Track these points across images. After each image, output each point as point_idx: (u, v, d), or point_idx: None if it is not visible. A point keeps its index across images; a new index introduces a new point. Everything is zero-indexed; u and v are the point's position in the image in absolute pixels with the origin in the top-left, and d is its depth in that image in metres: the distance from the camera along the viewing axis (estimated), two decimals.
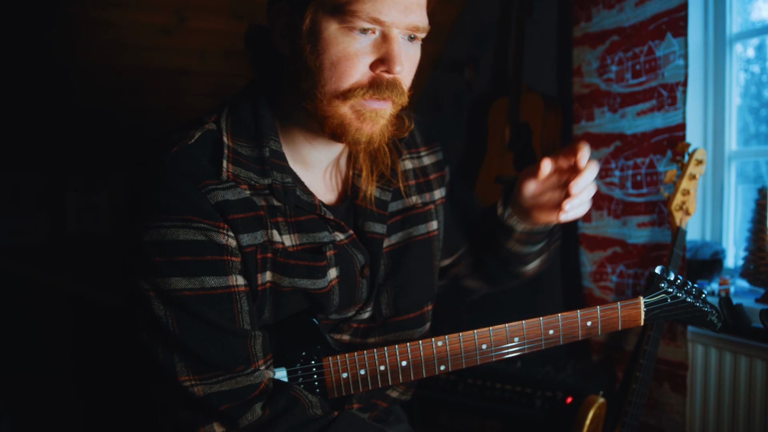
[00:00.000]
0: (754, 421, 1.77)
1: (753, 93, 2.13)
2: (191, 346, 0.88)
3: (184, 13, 2.54)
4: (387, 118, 0.95)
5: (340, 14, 0.88)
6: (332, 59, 0.90)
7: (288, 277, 0.97)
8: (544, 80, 2.60)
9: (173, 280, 0.88)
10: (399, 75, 0.92)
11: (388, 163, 1.10)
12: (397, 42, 0.91)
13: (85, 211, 3.01)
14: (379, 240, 1.08)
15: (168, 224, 0.88)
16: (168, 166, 0.90)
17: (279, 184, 0.96)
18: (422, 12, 0.93)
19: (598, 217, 2.24)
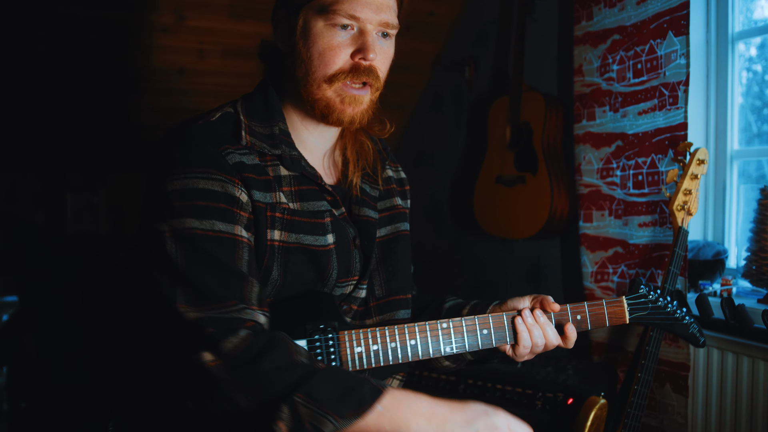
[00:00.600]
0: (756, 423, 1.76)
1: (755, 92, 2.12)
2: (194, 278, 1.00)
3: (183, 12, 2.54)
4: (366, 103, 1.15)
5: (325, 13, 1.10)
6: (319, 50, 1.11)
7: (294, 233, 1.12)
8: (544, 79, 2.59)
9: (187, 220, 1.02)
10: (373, 62, 1.12)
11: (371, 160, 1.30)
12: (371, 35, 1.12)
13: (83, 210, 3.01)
14: (373, 222, 1.26)
15: (191, 176, 1.04)
16: (193, 133, 1.08)
17: (287, 155, 1.14)
18: (392, 12, 1.14)
19: (600, 217, 2.23)
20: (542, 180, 2.40)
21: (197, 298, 0.99)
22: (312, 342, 1.07)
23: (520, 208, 2.48)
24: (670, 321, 1.28)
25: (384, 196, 1.33)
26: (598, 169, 2.22)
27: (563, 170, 2.43)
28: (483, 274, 3.00)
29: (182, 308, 0.98)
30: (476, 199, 2.69)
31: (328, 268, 1.14)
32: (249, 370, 0.94)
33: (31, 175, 2.90)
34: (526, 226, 2.46)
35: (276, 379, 0.93)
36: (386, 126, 1.27)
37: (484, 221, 2.67)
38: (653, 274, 2.03)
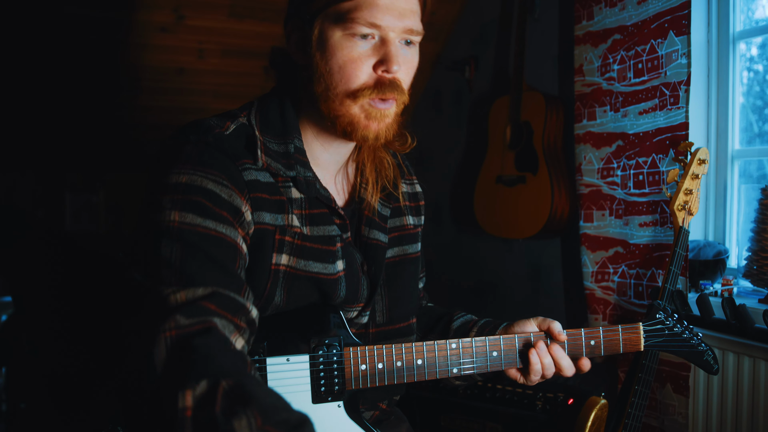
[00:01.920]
0: (757, 423, 1.76)
1: (756, 92, 2.12)
2: (189, 272, 0.91)
3: (182, 12, 2.53)
4: (392, 117, 1.07)
5: (343, 22, 1.00)
6: (339, 63, 1.02)
7: (303, 259, 1.06)
8: (545, 79, 2.59)
9: (190, 215, 0.95)
10: (397, 74, 1.04)
11: (391, 177, 1.22)
12: (393, 44, 1.03)
13: (82, 210, 3.00)
14: (383, 247, 1.18)
15: (201, 174, 0.98)
16: (211, 143, 1.01)
17: (302, 177, 1.07)
18: (416, 18, 1.05)
19: (600, 216, 2.22)
20: (543, 180, 2.39)
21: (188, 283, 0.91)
22: (315, 358, 1.04)
23: (521, 208, 2.48)
24: (686, 348, 1.24)
25: (394, 214, 1.25)
26: (598, 168, 2.22)
27: (564, 170, 2.43)
28: (483, 274, 3.00)
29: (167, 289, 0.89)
30: (476, 198, 2.68)
31: (334, 295, 1.09)
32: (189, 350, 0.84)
33: (30, 174, 2.90)
34: (526, 225, 2.46)
35: (216, 362, 0.83)
36: (407, 140, 1.18)
37: (484, 221, 2.66)
38: (654, 274, 2.02)
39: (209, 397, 0.78)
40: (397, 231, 1.25)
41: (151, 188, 0.99)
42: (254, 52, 2.79)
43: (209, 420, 0.76)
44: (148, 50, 2.62)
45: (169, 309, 0.87)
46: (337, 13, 1.01)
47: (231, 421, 0.75)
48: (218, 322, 0.89)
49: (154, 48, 2.62)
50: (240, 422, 0.74)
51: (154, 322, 0.87)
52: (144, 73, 2.69)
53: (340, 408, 1.06)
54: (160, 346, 0.84)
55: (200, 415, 0.77)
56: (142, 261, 0.94)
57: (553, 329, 1.15)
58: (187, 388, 0.78)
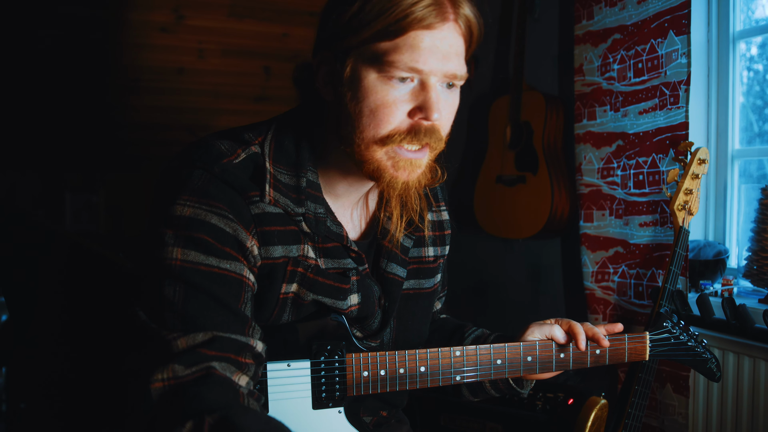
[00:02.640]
0: (757, 423, 1.76)
1: (756, 92, 2.12)
2: (191, 315, 0.89)
3: (182, 12, 2.53)
4: (424, 166, 1.00)
5: (379, 64, 0.91)
6: (371, 107, 0.94)
7: (313, 293, 1.02)
8: (545, 79, 2.58)
9: (192, 253, 0.91)
10: (437, 122, 0.96)
11: (418, 210, 1.13)
12: (434, 90, 0.94)
13: (82, 210, 3.00)
14: (399, 282, 1.14)
15: (206, 208, 0.93)
16: (217, 174, 0.95)
17: (312, 214, 1.01)
18: (460, 60, 0.96)
19: (600, 216, 2.22)
20: (543, 180, 2.39)
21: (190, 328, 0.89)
22: (316, 363, 1.03)
23: (521, 208, 2.48)
24: (690, 357, 1.23)
25: (416, 244, 1.18)
26: (598, 168, 2.22)
27: (564, 170, 2.43)
28: (483, 274, 3.00)
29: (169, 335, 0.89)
30: (476, 198, 2.68)
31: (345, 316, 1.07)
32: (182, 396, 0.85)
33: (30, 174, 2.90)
34: (526, 225, 2.46)
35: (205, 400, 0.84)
36: (437, 174, 1.08)
37: (484, 221, 2.66)
38: (654, 274, 2.02)
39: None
40: (416, 263, 1.19)
41: (155, 218, 0.95)
42: (254, 52, 2.79)
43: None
44: (148, 50, 2.62)
45: (168, 356, 0.87)
46: (374, 54, 0.92)
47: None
48: (218, 366, 0.88)
49: (154, 48, 2.62)
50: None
51: (153, 368, 0.87)
52: (144, 73, 2.69)
53: (340, 414, 1.05)
54: (155, 393, 0.85)
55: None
56: (146, 299, 0.93)
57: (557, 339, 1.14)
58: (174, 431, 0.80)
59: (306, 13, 2.84)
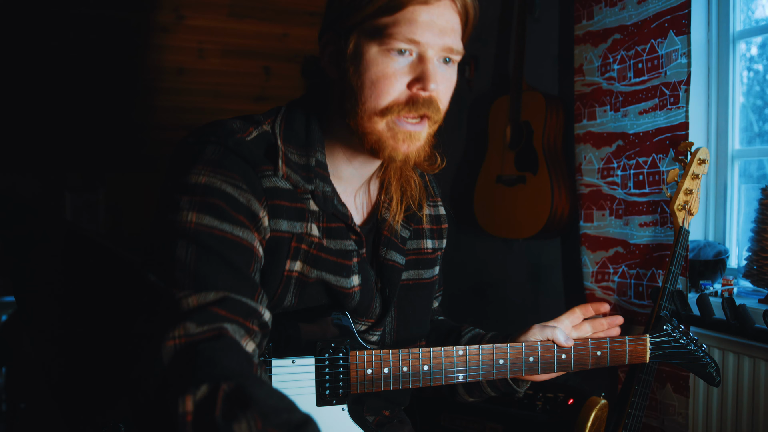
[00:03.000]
0: (757, 423, 1.76)
1: (756, 92, 2.12)
2: (202, 275, 0.90)
3: (182, 12, 2.53)
4: (423, 139, 1.04)
5: (380, 37, 0.97)
6: (372, 78, 0.98)
7: (317, 269, 1.04)
8: (545, 79, 2.59)
9: (207, 218, 0.93)
10: (434, 93, 1.01)
11: (416, 198, 1.18)
12: (432, 62, 0.99)
13: (82, 209, 3.00)
14: (399, 269, 1.16)
15: (221, 177, 0.96)
16: (231, 147, 0.99)
17: (320, 192, 1.05)
18: (456, 36, 1.02)
19: (600, 217, 2.22)
20: (543, 180, 2.39)
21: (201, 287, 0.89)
22: (321, 360, 1.04)
23: (521, 208, 2.48)
24: (690, 360, 1.24)
25: (414, 236, 1.22)
26: (598, 168, 2.22)
27: (564, 170, 2.43)
28: (483, 273, 3.00)
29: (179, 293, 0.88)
30: (476, 198, 2.68)
31: (347, 303, 1.08)
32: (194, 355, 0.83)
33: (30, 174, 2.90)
34: (526, 225, 2.46)
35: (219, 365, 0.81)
36: (437, 161, 1.14)
37: (484, 221, 2.66)
38: (654, 274, 2.02)
39: (209, 401, 0.76)
40: (414, 254, 1.22)
41: (169, 187, 0.97)
42: (254, 52, 2.79)
43: (209, 424, 0.75)
44: (148, 50, 2.62)
45: (180, 314, 0.86)
46: (375, 27, 0.97)
47: (231, 425, 0.73)
48: (229, 327, 0.87)
49: (154, 48, 2.62)
50: (240, 425, 0.73)
51: (165, 327, 0.86)
52: (144, 73, 2.69)
53: (344, 411, 1.05)
54: (167, 352, 0.84)
55: (200, 420, 0.76)
56: (157, 261, 0.93)
57: (558, 341, 1.15)
58: (188, 393, 0.77)
59: (306, 13, 2.84)
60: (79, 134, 2.85)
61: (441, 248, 1.29)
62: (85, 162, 3.01)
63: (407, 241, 1.20)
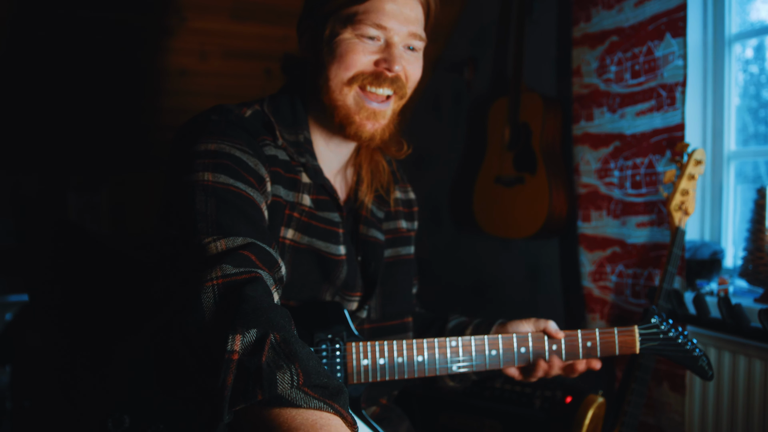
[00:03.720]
0: (752, 421, 1.78)
1: (752, 93, 2.14)
2: (225, 223, 0.91)
3: (184, 14, 2.55)
4: (387, 117, 1.13)
5: (351, 23, 1.08)
6: (342, 54, 1.09)
7: (308, 236, 1.11)
8: (543, 80, 2.61)
9: (222, 176, 0.97)
10: (399, 72, 1.11)
11: (385, 181, 1.28)
12: (397, 47, 1.10)
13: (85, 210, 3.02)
14: (381, 245, 1.24)
15: (228, 143, 1.02)
16: (233, 121, 1.07)
17: (310, 164, 1.14)
18: (420, 25, 1.13)
19: (598, 217, 2.24)
20: (541, 180, 2.41)
21: (225, 233, 0.90)
22: (318, 351, 1.06)
23: (519, 208, 2.50)
24: (681, 353, 1.25)
25: (388, 218, 1.31)
26: (596, 169, 2.24)
27: (562, 170, 2.45)
28: (482, 273, 3.02)
29: (206, 238, 0.88)
30: (475, 199, 2.70)
31: (335, 274, 1.13)
32: (238, 298, 0.81)
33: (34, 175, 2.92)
34: (525, 225, 2.48)
35: (265, 315, 0.79)
36: (404, 147, 1.24)
37: (483, 221, 2.68)
38: (651, 273, 2.04)
39: (257, 346, 0.75)
40: (391, 233, 1.30)
41: (179, 156, 1.03)
42: (255, 54, 2.81)
43: (254, 367, 0.73)
44: (151, 52, 2.64)
45: (212, 257, 0.86)
46: (347, 15, 1.08)
47: (275, 373, 0.72)
48: (261, 273, 0.87)
49: (157, 50, 2.64)
50: (283, 376, 0.72)
51: (199, 270, 0.84)
52: (145, 74, 2.71)
53: None
54: (207, 293, 0.81)
55: (246, 361, 0.74)
56: (176, 217, 0.94)
57: (549, 329, 1.17)
58: (237, 333, 0.76)
59: None
60: (83, 135, 2.87)
61: (414, 229, 1.38)
62: (88, 163, 3.03)
63: (383, 222, 1.29)
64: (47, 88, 2.64)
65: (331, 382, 0.76)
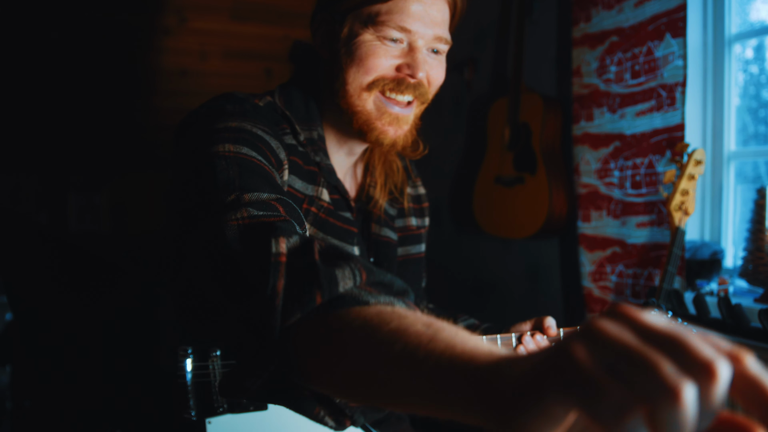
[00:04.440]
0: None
1: (752, 93, 2.14)
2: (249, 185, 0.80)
3: (184, 14, 2.55)
4: (410, 122, 1.08)
5: (373, 24, 1.00)
6: (361, 56, 1.01)
7: (323, 233, 1.05)
8: (543, 81, 2.61)
9: (245, 148, 0.88)
10: (422, 79, 1.05)
11: (399, 182, 1.23)
12: (421, 51, 1.03)
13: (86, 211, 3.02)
14: (394, 245, 1.20)
15: (250, 123, 0.94)
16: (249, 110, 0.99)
17: (324, 164, 1.07)
18: (445, 27, 1.06)
19: (598, 217, 2.25)
20: (541, 180, 2.41)
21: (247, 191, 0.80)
22: None
23: (519, 208, 2.50)
24: None
25: (400, 214, 1.26)
26: (596, 169, 2.24)
27: (562, 171, 2.45)
28: (482, 273, 3.02)
29: (229, 194, 0.78)
30: (475, 199, 2.71)
31: None
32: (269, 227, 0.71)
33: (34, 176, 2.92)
34: (525, 225, 2.48)
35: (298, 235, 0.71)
36: (420, 148, 1.17)
37: (483, 221, 2.69)
38: (651, 273, 2.04)
39: (305, 246, 0.66)
40: (402, 232, 1.25)
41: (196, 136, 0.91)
42: (256, 54, 2.81)
43: (308, 265, 0.63)
44: (152, 52, 2.64)
45: (236, 204, 0.75)
46: (369, 14, 1.01)
47: (332, 270, 0.63)
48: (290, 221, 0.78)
49: (157, 50, 2.64)
50: (343, 271, 0.63)
51: (222, 213, 0.74)
52: (146, 75, 2.71)
53: None
54: (232, 229, 0.72)
55: (296, 261, 0.64)
56: (194, 186, 0.83)
57: (544, 322, 1.12)
58: (281, 236, 0.66)
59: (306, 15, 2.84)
60: (83, 135, 2.87)
61: (424, 226, 1.32)
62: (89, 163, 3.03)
63: (396, 219, 1.23)
64: (48, 89, 2.65)
65: (395, 282, 0.67)
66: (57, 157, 2.93)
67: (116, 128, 2.90)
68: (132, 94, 2.79)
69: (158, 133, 2.94)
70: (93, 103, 2.77)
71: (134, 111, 2.86)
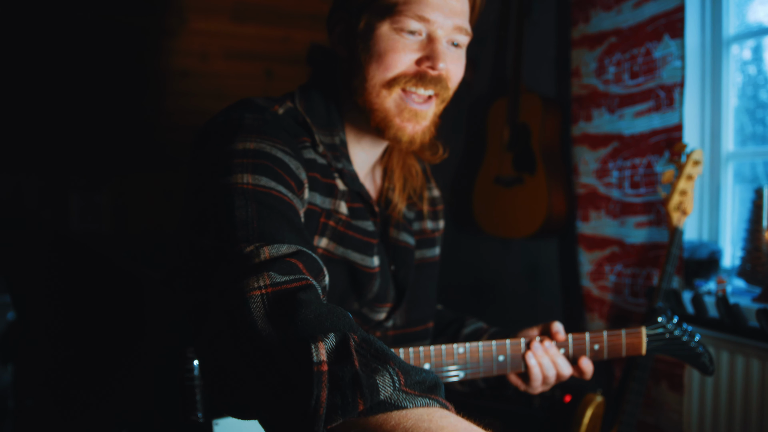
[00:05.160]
0: (750, 420, 1.79)
1: (749, 94, 2.15)
2: (268, 232, 0.79)
3: (185, 15, 2.56)
4: (429, 118, 1.04)
5: (390, 15, 0.97)
6: (380, 52, 0.98)
7: (342, 247, 1.03)
8: (542, 81, 2.62)
9: (264, 179, 0.86)
10: (443, 71, 1.01)
11: (418, 186, 1.20)
12: (441, 42, 1.00)
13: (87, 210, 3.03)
14: (411, 250, 1.17)
15: (269, 143, 0.91)
16: (269, 120, 0.96)
17: (347, 170, 1.05)
18: (465, 18, 1.03)
19: (596, 217, 2.25)
20: (540, 180, 2.42)
21: (268, 240, 0.77)
22: None
23: (519, 208, 2.51)
24: (685, 351, 1.23)
25: (417, 217, 1.24)
26: (595, 169, 2.25)
27: (561, 171, 2.46)
28: (482, 273, 3.03)
29: (247, 247, 0.76)
30: (475, 199, 2.72)
31: (368, 288, 1.06)
32: (295, 303, 0.69)
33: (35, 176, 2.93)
34: (524, 225, 2.49)
35: (329, 319, 0.69)
36: (439, 151, 1.15)
37: (482, 221, 2.70)
38: (649, 273, 2.05)
39: (342, 351, 0.64)
40: (417, 235, 1.22)
41: (212, 155, 0.89)
42: (257, 55, 2.82)
43: (351, 377, 0.62)
44: (153, 53, 2.65)
45: (256, 265, 0.73)
46: (386, 5, 0.98)
47: (373, 378, 0.62)
48: (311, 281, 0.76)
49: (159, 51, 2.65)
50: (383, 379, 0.62)
51: (240, 279, 0.72)
52: (147, 75, 2.72)
53: None
54: (255, 302, 0.69)
55: (338, 370, 0.62)
56: (212, 224, 0.81)
57: (551, 328, 1.11)
58: (319, 340, 0.64)
59: (307, 16, 2.87)
60: (84, 136, 2.88)
61: (438, 228, 1.29)
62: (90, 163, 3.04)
63: (413, 222, 1.21)
64: (49, 89, 2.66)
65: (428, 376, 0.67)
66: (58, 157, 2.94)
67: (118, 129, 2.91)
68: (133, 95, 2.80)
69: (159, 133, 2.94)
70: (94, 104, 2.78)
71: (135, 111, 2.87)
